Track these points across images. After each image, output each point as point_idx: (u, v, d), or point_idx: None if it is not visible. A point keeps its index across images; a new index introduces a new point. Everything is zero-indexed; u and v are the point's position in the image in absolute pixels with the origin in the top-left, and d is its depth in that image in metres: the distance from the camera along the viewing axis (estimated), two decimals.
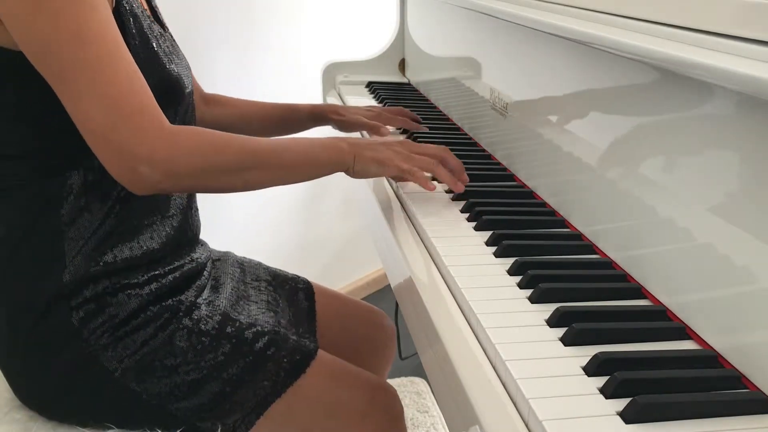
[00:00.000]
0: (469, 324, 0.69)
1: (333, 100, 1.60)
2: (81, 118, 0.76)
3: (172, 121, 0.84)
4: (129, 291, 0.87)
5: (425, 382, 1.69)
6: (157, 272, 0.90)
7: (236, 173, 0.83)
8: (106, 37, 0.76)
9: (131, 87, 0.77)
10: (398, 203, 0.98)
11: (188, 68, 0.99)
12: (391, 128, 1.25)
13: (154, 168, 0.77)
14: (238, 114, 1.18)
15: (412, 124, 1.25)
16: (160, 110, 0.79)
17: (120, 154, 0.76)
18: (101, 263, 0.85)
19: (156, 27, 0.90)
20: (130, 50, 0.79)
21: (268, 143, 0.86)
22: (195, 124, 1.01)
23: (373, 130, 1.17)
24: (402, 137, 1.23)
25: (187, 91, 0.94)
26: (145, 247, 0.89)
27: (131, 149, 0.76)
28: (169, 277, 0.92)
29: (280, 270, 1.18)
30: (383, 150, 0.92)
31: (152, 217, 0.91)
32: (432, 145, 0.97)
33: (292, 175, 0.89)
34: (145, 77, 0.79)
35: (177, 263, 0.94)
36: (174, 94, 0.89)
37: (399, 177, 0.97)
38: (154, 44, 0.87)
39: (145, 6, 0.93)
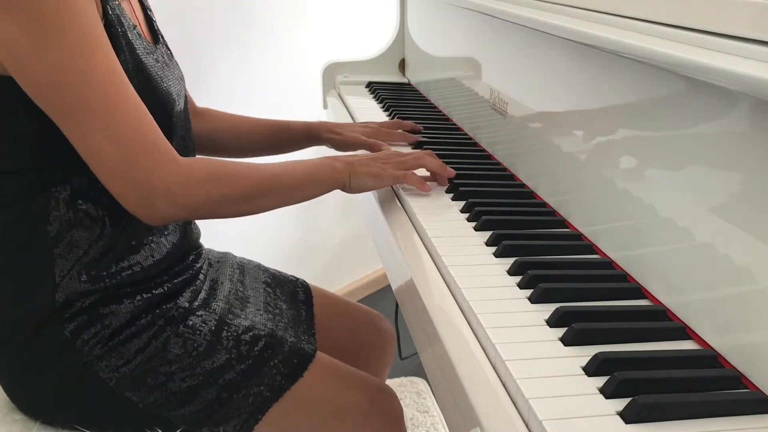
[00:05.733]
0: (469, 324, 0.69)
1: (333, 100, 1.60)
2: (92, 156, 0.77)
3: (170, 141, 0.84)
4: (122, 300, 0.86)
5: (425, 382, 1.69)
6: (151, 284, 0.90)
7: (246, 201, 0.86)
8: (113, 75, 0.76)
9: (141, 124, 0.78)
10: (398, 203, 0.98)
11: (181, 81, 0.97)
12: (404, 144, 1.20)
13: (170, 202, 0.79)
14: (228, 129, 1.17)
15: (410, 137, 1.19)
16: (170, 144, 0.81)
17: (136, 190, 0.78)
18: (95, 283, 0.84)
19: (145, 42, 0.88)
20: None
21: (271, 169, 0.89)
22: (192, 140, 1.01)
23: (373, 148, 1.12)
24: (409, 149, 1.17)
25: (177, 108, 0.92)
26: (141, 266, 0.88)
27: (148, 185, 0.77)
28: (164, 286, 0.91)
29: (279, 271, 1.17)
30: (374, 164, 0.96)
31: (150, 236, 0.90)
32: (415, 153, 1.01)
33: (295, 198, 0.92)
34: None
35: (172, 273, 0.93)
36: (163, 112, 0.88)
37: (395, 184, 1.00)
38: (143, 59, 0.85)
39: (137, 18, 0.91)
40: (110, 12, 0.81)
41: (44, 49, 0.72)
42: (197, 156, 0.83)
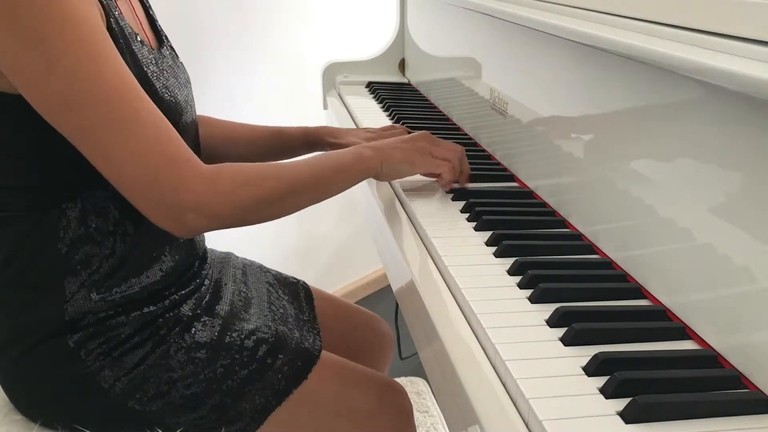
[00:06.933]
0: (469, 324, 0.69)
1: (333, 101, 1.60)
2: (114, 175, 0.74)
3: None
4: (130, 314, 0.85)
5: (425, 382, 1.69)
6: (158, 296, 0.89)
7: (278, 203, 0.83)
8: (125, 89, 0.73)
9: (160, 137, 0.75)
10: (398, 203, 0.98)
11: (187, 85, 0.94)
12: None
13: (200, 213, 0.76)
14: (224, 136, 1.14)
15: None
16: (192, 153, 0.78)
17: (163, 206, 0.75)
18: (105, 300, 0.83)
19: (149, 50, 0.86)
20: None
21: (302, 166, 0.86)
22: (199, 147, 0.99)
23: None
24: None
25: (186, 117, 0.89)
26: (152, 280, 0.87)
27: (174, 200, 0.75)
28: (171, 297, 0.90)
29: (280, 273, 1.17)
30: (409, 149, 0.93)
31: (161, 248, 0.88)
32: (451, 144, 0.98)
33: (327, 192, 0.89)
34: None
35: (180, 283, 0.92)
36: (171, 123, 0.84)
37: (428, 174, 0.99)
38: (146, 70, 0.83)
39: (139, 21, 0.89)
40: (113, 25, 0.78)
41: (49, 73, 0.69)
42: (218, 164, 0.81)
